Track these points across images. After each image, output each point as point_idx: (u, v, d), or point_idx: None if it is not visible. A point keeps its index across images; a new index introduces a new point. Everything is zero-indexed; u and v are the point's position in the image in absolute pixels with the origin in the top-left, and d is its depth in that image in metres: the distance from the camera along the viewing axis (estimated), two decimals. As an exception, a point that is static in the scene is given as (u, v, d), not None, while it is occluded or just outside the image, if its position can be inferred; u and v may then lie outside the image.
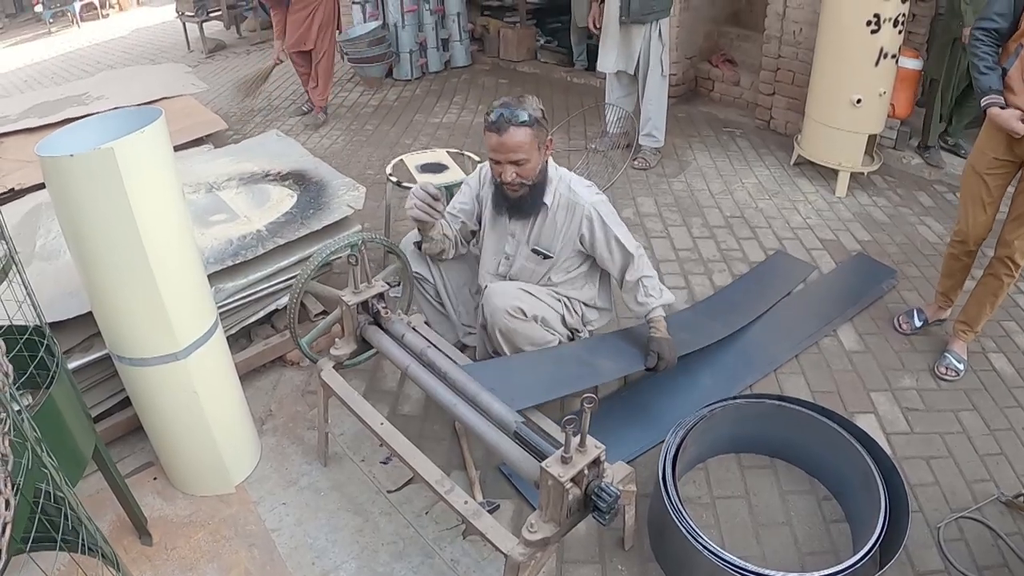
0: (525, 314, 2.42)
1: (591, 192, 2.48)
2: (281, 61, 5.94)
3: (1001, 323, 3.22)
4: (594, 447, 1.69)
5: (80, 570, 1.40)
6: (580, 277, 2.59)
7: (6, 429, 0.96)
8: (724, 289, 3.48)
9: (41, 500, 1.37)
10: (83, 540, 1.42)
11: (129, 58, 9.32)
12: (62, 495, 1.31)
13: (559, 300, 2.56)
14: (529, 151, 2.29)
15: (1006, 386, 2.88)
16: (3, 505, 0.88)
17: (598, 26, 4.64)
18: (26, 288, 1.67)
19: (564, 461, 1.65)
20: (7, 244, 1.57)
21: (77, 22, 12.64)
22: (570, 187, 2.46)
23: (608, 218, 2.45)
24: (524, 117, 2.25)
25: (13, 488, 0.91)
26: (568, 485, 1.65)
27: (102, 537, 1.43)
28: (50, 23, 12.57)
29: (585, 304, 2.63)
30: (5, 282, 1.62)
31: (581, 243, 2.49)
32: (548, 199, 2.45)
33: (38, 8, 13.06)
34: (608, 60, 4.64)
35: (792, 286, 3.46)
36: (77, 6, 12.75)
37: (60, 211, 1.84)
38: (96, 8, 13.22)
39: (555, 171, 2.49)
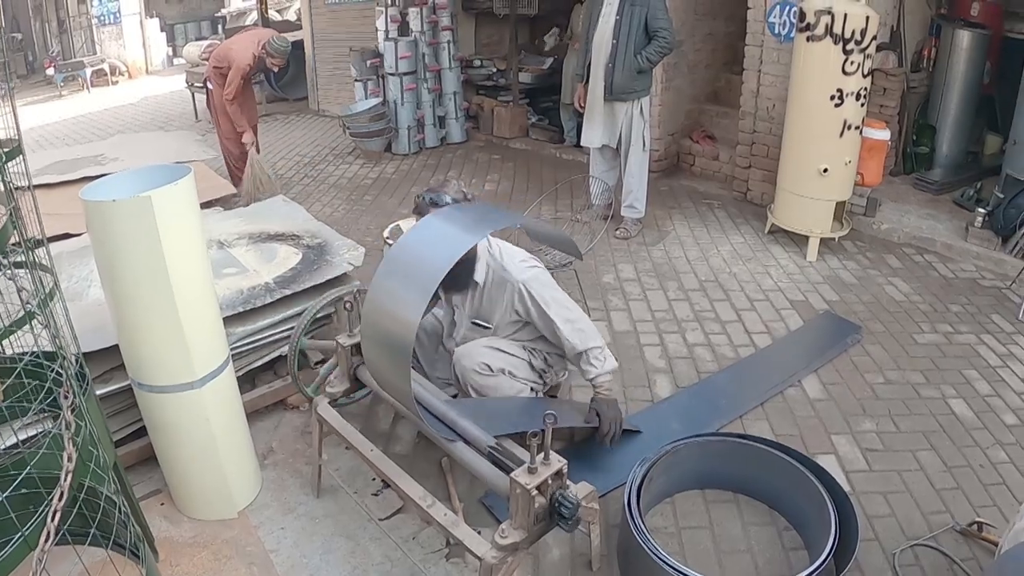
0: (491, 368, 2.63)
1: (524, 267, 2.64)
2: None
3: (962, 371, 3.42)
4: (556, 460, 1.91)
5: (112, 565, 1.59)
6: (534, 335, 2.75)
7: (72, 403, 1.19)
8: None
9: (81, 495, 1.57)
10: (115, 535, 1.62)
11: (139, 124, 9.65)
12: (97, 486, 1.52)
13: (524, 348, 2.76)
14: None
15: (964, 428, 3.04)
16: (66, 458, 1.11)
17: (583, 105, 5.00)
18: (66, 315, 1.90)
19: (530, 471, 1.87)
20: (52, 275, 1.81)
21: (87, 87, 13.13)
22: (502, 264, 2.64)
23: (541, 294, 2.58)
24: (446, 200, 2.55)
25: (75, 448, 1.14)
26: (534, 493, 1.86)
27: (134, 521, 1.62)
28: (61, 87, 13.04)
29: (548, 353, 2.80)
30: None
31: (518, 315, 2.68)
32: (479, 276, 2.66)
33: (50, 71, 13.62)
34: (592, 136, 4.99)
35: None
36: (88, 72, 13.28)
37: (98, 250, 2.10)
38: (106, 75, 13.76)
39: (486, 249, 2.68)
